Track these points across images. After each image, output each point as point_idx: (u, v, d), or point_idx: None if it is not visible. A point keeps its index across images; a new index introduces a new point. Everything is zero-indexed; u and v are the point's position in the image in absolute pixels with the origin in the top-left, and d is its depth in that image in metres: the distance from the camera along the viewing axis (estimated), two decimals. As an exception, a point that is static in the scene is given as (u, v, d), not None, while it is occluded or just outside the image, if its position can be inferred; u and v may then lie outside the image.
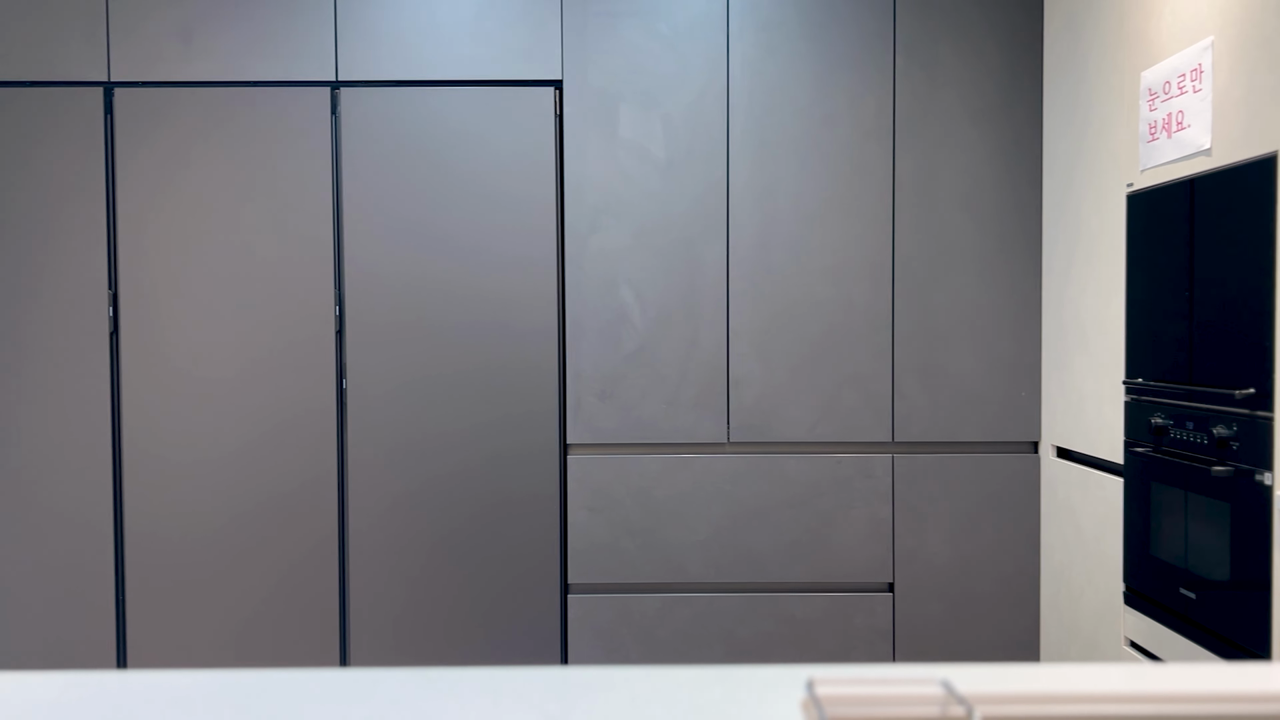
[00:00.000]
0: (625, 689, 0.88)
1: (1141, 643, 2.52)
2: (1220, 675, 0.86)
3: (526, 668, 0.94)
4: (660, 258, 3.14)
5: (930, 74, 3.13)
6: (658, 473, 3.15)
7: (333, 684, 0.91)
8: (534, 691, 0.87)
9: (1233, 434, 2.11)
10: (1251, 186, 2.04)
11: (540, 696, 0.86)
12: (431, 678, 0.93)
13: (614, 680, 0.90)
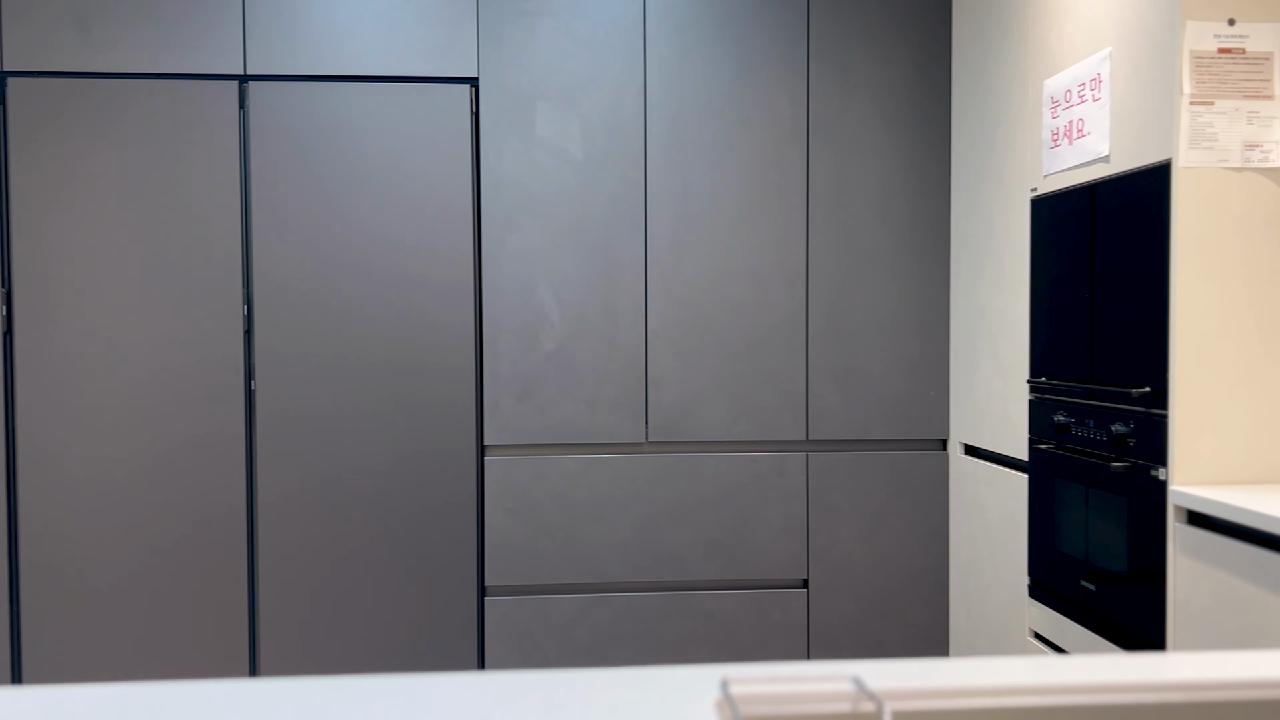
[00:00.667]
0: (540, 693, 0.87)
1: (1045, 634, 2.60)
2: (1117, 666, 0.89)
3: (440, 674, 0.93)
4: (579, 258, 3.13)
5: (843, 79, 3.18)
6: (576, 473, 3.15)
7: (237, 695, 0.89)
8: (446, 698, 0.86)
9: (1130, 431, 2.19)
10: (1147, 192, 2.12)
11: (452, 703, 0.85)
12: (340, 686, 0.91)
13: (528, 685, 0.89)
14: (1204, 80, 2.00)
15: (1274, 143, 2.01)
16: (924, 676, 0.87)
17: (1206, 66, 2.00)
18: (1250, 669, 0.91)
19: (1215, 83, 2.00)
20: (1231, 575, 1.85)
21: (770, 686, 0.88)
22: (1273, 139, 2.01)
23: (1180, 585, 2.01)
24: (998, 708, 0.84)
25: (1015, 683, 0.84)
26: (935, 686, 0.85)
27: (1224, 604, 1.87)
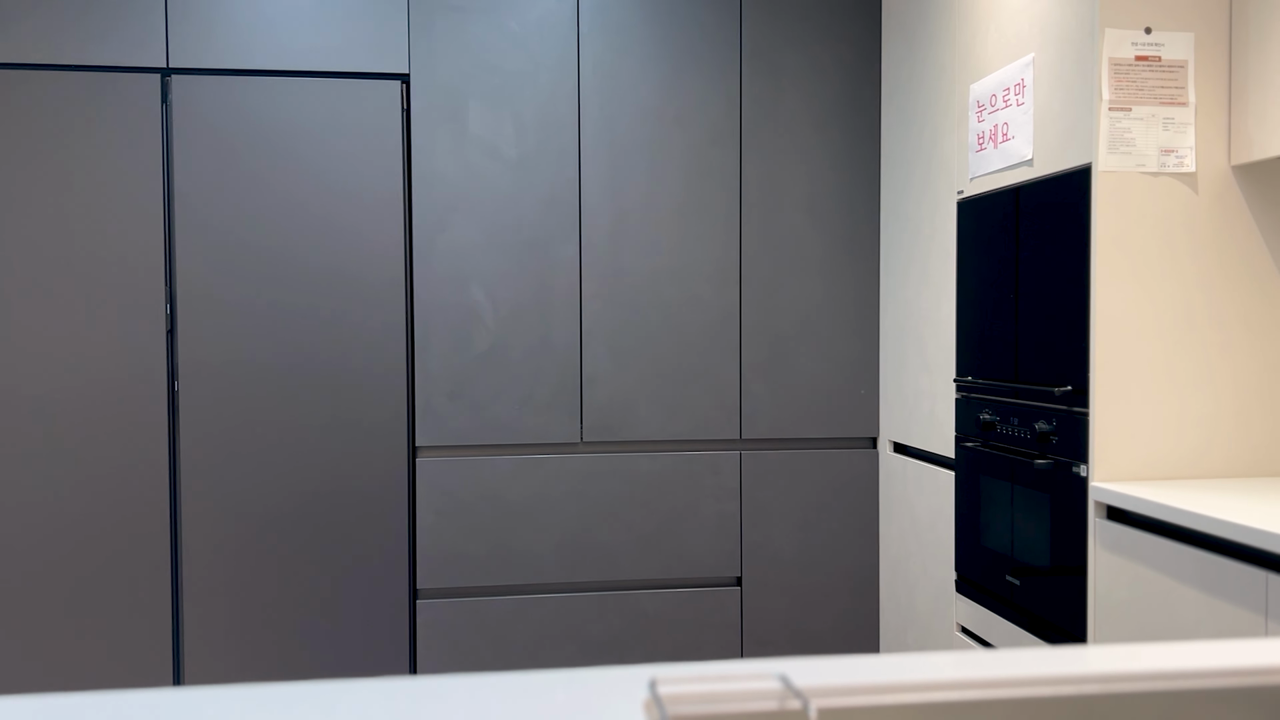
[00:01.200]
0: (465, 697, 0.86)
1: (972, 628, 2.65)
2: (1035, 659, 0.90)
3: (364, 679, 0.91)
4: (512, 256, 3.11)
5: (775, 80, 3.21)
6: (510, 474, 3.13)
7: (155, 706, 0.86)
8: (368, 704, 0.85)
9: (1053, 429, 2.24)
10: (1069, 195, 2.17)
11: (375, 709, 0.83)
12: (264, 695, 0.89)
13: (453, 689, 0.88)
14: (1122, 87, 2.05)
15: (1188, 148, 2.07)
16: (849, 673, 0.88)
17: (1124, 73, 2.05)
18: (1166, 661, 0.94)
19: (1133, 89, 2.05)
20: (1148, 568, 1.90)
21: (698, 686, 0.88)
22: (1187, 145, 2.07)
23: (1100, 579, 2.06)
24: (920, 703, 0.85)
25: (937, 678, 0.85)
26: (859, 683, 0.85)
27: (1142, 597, 1.93)
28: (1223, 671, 0.92)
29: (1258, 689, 0.93)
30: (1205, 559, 1.74)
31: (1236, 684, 0.93)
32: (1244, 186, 2.10)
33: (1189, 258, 2.10)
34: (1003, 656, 0.91)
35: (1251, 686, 0.93)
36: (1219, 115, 2.09)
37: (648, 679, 0.90)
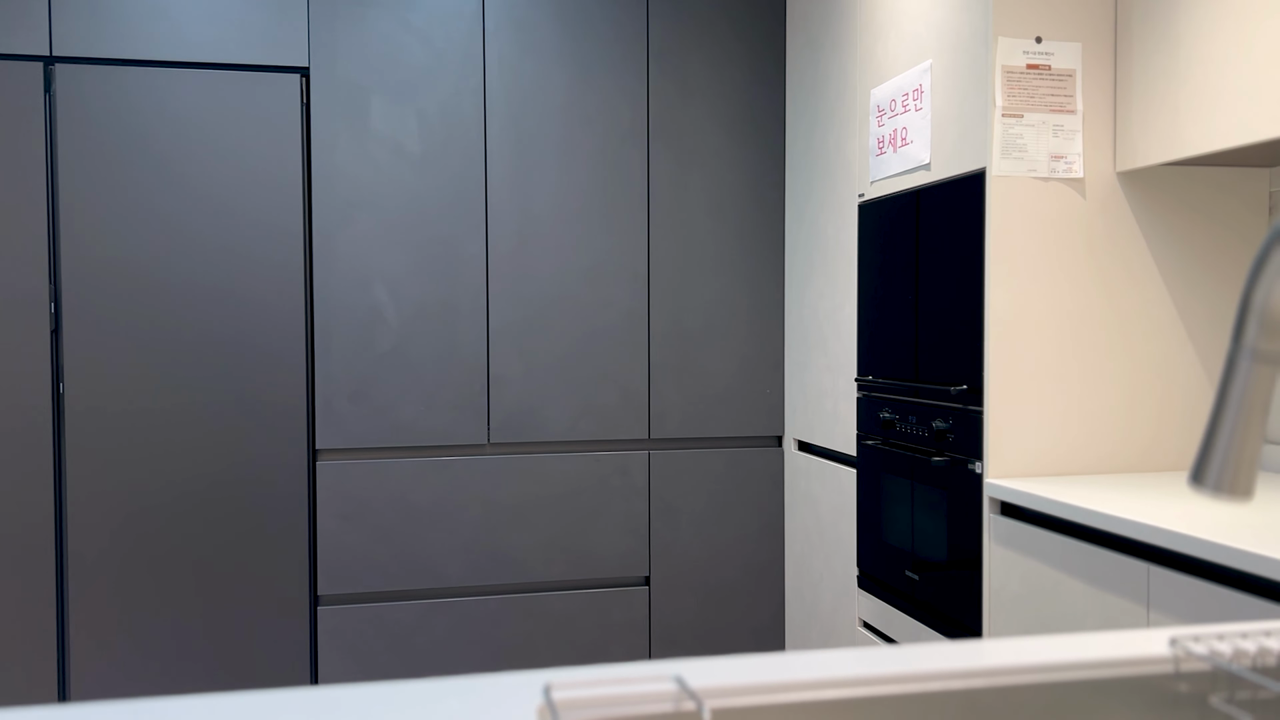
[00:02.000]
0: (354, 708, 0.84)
1: (874, 623, 2.70)
2: (927, 654, 0.92)
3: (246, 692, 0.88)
4: (416, 255, 3.06)
5: (682, 82, 3.22)
6: (414, 476, 3.07)
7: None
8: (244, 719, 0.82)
9: (949, 427, 2.30)
10: (964, 199, 2.23)
11: (258, 724, 0.81)
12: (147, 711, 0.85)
13: (342, 700, 0.86)
14: (1014, 94, 2.11)
15: (1076, 155, 2.14)
16: (743, 673, 0.88)
17: (1016, 81, 2.11)
18: (1055, 653, 0.96)
19: (1025, 96, 2.12)
20: (1039, 562, 1.96)
21: (593, 690, 0.87)
22: (1075, 151, 2.14)
23: (994, 573, 2.12)
24: (813, 701, 0.86)
25: (828, 676, 0.86)
26: (753, 683, 0.86)
27: (1034, 589, 1.99)
28: (1102, 663, 0.95)
29: (1136, 679, 0.96)
30: (1091, 552, 1.80)
31: (1116, 674, 0.96)
32: (1128, 192, 2.18)
33: (1077, 261, 2.17)
34: (892, 653, 0.92)
35: (1130, 676, 0.96)
36: (1105, 123, 2.16)
37: (542, 684, 0.89)
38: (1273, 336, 0.66)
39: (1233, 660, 0.96)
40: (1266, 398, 0.67)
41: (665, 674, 0.89)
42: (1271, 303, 0.65)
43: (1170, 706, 0.97)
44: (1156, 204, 2.20)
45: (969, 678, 0.91)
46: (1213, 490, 0.69)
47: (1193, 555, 1.53)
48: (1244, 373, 0.66)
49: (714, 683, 0.87)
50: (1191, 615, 1.56)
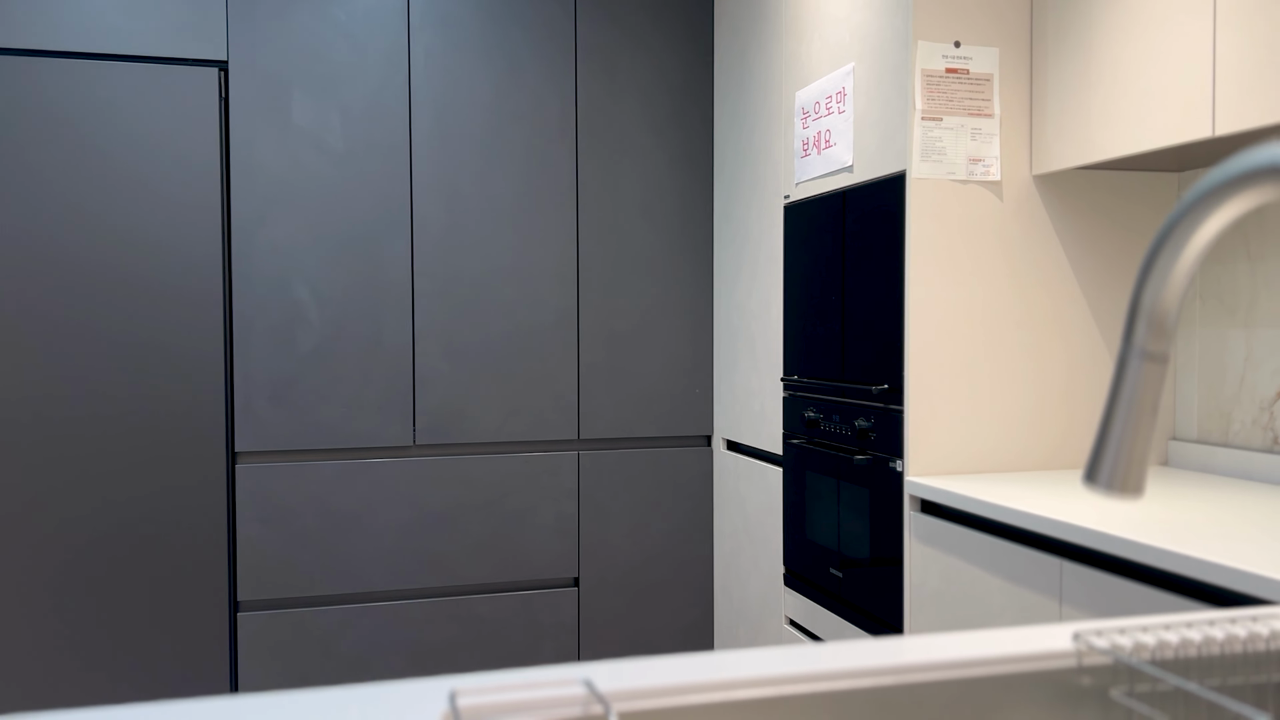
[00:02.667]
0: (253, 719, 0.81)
1: (800, 621, 2.72)
2: (838, 652, 0.92)
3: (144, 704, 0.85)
4: (340, 253, 3.00)
5: (611, 81, 3.21)
6: (337, 479, 3.02)
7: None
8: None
9: (871, 426, 2.32)
10: (886, 201, 2.26)
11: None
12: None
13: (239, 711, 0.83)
14: (934, 97, 2.14)
15: (994, 158, 2.18)
16: (653, 675, 0.87)
17: (936, 84, 2.14)
18: (961, 649, 0.97)
19: (944, 100, 2.15)
20: (958, 559, 1.99)
21: (499, 696, 0.85)
22: (993, 154, 2.18)
23: (914, 570, 2.15)
24: (723, 702, 0.85)
25: (737, 676, 0.86)
26: (662, 685, 0.85)
27: (953, 585, 2.02)
28: (1007, 658, 0.96)
29: (1040, 673, 0.98)
30: (1007, 548, 1.83)
31: (1021, 669, 0.97)
32: (1044, 195, 2.23)
33: (994, 262, 2.21)
34: (798, 652, 0.93)
35: (1034, 671, 0.98)
36: (1022, 127, 2.21)
37: (448, 690, 0.87)
38: (1160, 337, 0.67)
39: (1133, 654, 0.99)
40: (1155, 397, 0.68)
41: (574, 677, 0.88)
42: (1159, 304, 0.66)
43: (1073, 700, 0.99)
44: (1070, 207, 2.25)
45: (876, 675, 0.92)
46: (1105, 488, 0.70)
47: (1102, 551, 1.56)
48: (1134, 372, 0.67)
49: (623, 686, 0.86)
50: (1102, 609, 1.60)
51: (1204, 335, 2.23)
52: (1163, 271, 0.64)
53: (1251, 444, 2.11)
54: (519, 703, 0.85)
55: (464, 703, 0.84)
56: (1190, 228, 0.62)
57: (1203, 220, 0.61)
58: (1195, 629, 1.03)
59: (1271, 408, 2.06)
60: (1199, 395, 2.24)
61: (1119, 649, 0.98)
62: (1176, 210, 0.63)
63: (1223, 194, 0.59)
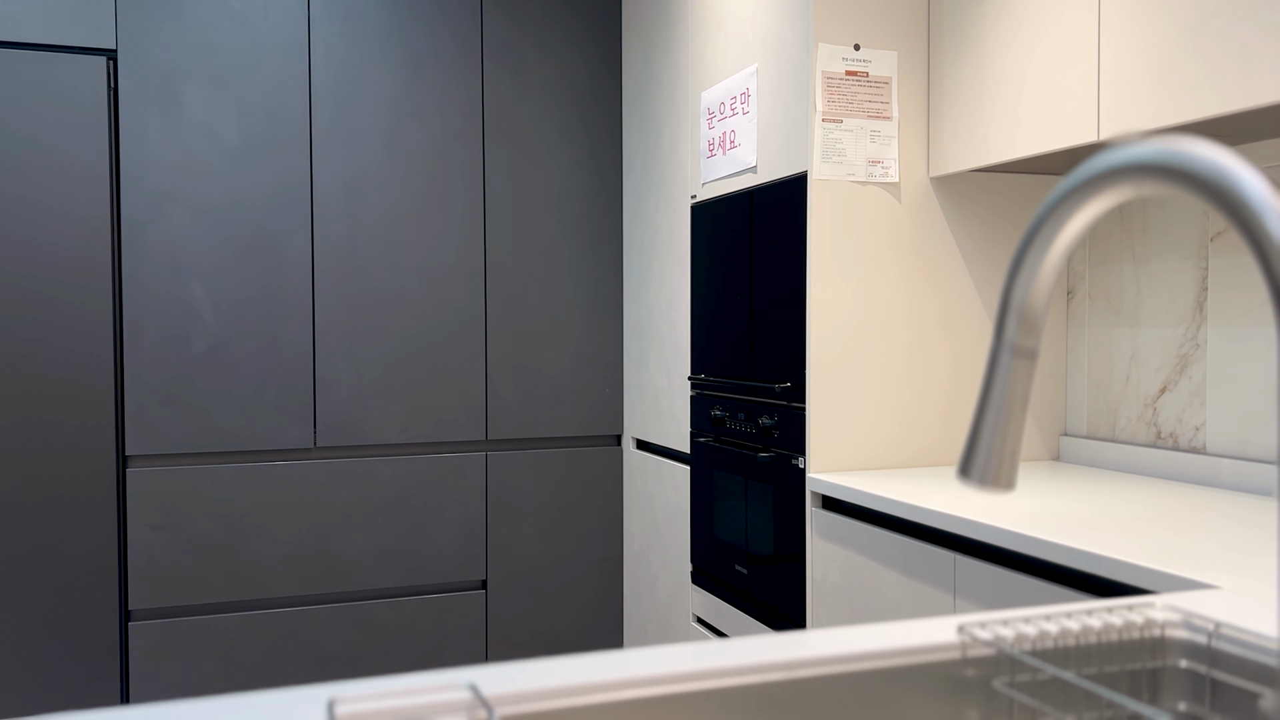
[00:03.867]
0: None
1: (707, 618, 2.73)
2: (725, 650, 0.92)
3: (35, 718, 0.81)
4: (236, 250, 2.92)
5: (517, 79, 3.18)
6: (235, 483, 2.93)
7: None
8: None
9: (775, 423, 2.34)
10: (789, 202, 2.28)
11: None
12: None
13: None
14: (834, 100, 2.17)
15: (892, 160, 2.22)
16: (537, 678, 0.86)
17: (836, 87, 2.17)
18: (848, 644, 0.98)
19: (844, 102, 2.18)
20: (857, 554, 2.02)
21: (380, 702, 0.83)
22: (891, 156, 2.22)
23: (816, 565, 2.17)
24: (607, 703, 0.85)
25: (621, 677, 0.85)
26: (546, 687, 0.84)
27: (852, 580, 2.04)
28: (893, 652, 0.97)
29: (926, 666, 0.99)
30: (903, 543, 1.87)
31: (907, 662, 0.98)
32: (940, 197, 2.28)
33: (893, 262, 2.25)
34: (683, 650, 0.92)
35: (920, 664, 0.99)
36: (920, 129, 2.25)
37: (326, 699, 0.85)
38: (1029, 333, 0.68)
39: (1014, 645, 1.01)
40: (1025, 392, 0.69)
41: (459, 682, 0.86)
42: (1027, 301, 0.67)
43: (958, 692, 1.00)
44: (966, 208, 2.30)
45: (763, 672, 0.92)
46: (978, 482, 0.71)
47: (992, 544, 1.60)
48: (1005, 368, 0.68)
49: (508, 689, 0.84)
50: (994, 602, 1.63)
51: (1092, 335, 2.30)
52: (1030, 269, 0.65)
53: (1137, 439, 2.18)
54: (400, 709, 0.83)
55: (342, 711, 0.82)
56: (1055, 227, 0.63)
57: (1066, 219, 0.62)
58: (1074, 619, 1.06)
59: (1155, 404, 2.14)
60: (1088, 393, 2.32)
61: (1001, 640, 1.00)
62: (1041, 210, 0.64)
63: (1082, 194, 0.61)
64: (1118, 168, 0.58)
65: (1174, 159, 0.54)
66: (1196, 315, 2.04)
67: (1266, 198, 0.51)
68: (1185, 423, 2.07)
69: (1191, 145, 0.54)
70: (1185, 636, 1.07)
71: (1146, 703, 1.07)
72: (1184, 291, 2.07)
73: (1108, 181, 0.59)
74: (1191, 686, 1.06)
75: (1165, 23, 1.66)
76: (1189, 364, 2.06)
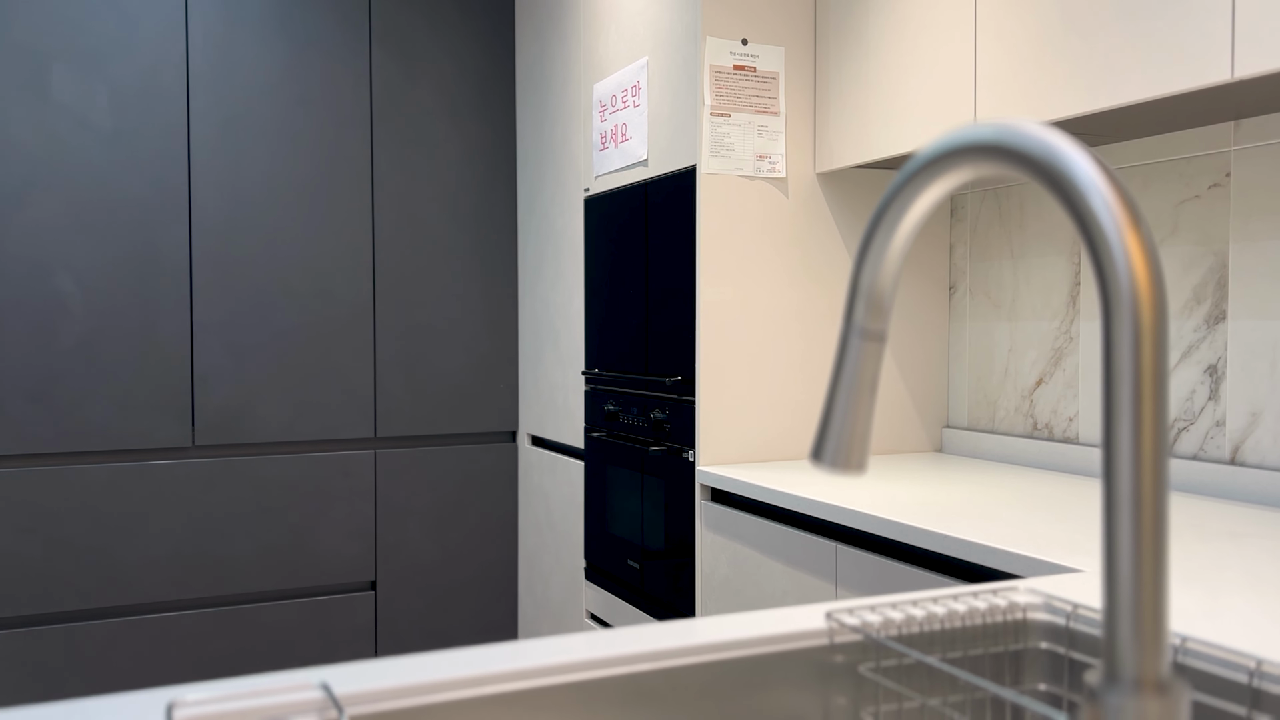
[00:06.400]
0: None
1: (600, 614, 2.72)
2: (595, 642, 0.90)
3: None
4: (107, 240, 2.79)
5: (408, 67, 3.12)
6: (107, 484, 2.80)
7: None
8: None
9: (666, 417, 2.34)
10: (679, 196, 2.28)
11: None
12: None
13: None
14: (722, 94, 2.18)
15: (779, 155, 2.24)
16: (392, 676, 0.83)
17: (724, 81, 2.18)
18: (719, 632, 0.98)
19: (732, 96, 2.18)
20: (745, 545, 2.03)
21: (224, 705, 0.79)
22: (778, 151, 2.23)
23: (706, 557, 2.18)
24: (462, 699, 0.82)
25: (477, 673, 0.83)
26: (400, 685, 0.81)
27: (740, 571, 2.05)
28: (764, 639, 0.97)
29: (796, 653, 0.99)
30: (788, 533, 1.88)
31: (777, 650, 0.98)
32: (827, 192, 2.31)
33: (780, 257, 2.27)
34: (547, 644, 0.91)
35: (791, 651, 0.99)
36: (807, 125, 2.27)
37: (165, 704, 0.80)
38: (877, 316, 0.68)
39: (881, 630, 1.02)
40: (875, 375, 0.69)
41: (310, 682, 0.83)
42: (875, 284, 0.67)
43: (827, 678, 1.01)
44: (852, 204, 2.34)
45: (634, 662, 0.91)
46: (830, 466, 0.71)
47: (870, 532, 1.62)
48: (854, 351, 0.68)
49: (362, 688, 0.81)
50: (874, 590, 1.66)
51: (973, 329, 2.36)
52: (877, 254, 0.65)
53: (1015, 430, 2.24)
54: (246, 711, 0.79)
55: (181, 715, 0.77)
56: (899, 212, 0.63)
57: (909, 204, 0.62)
58: (941, 604, 1.07)
59: (1032, 395, 2.20)
60: (969, 385, 2.38)
61: (868, 626, 1.01)
62: (885, 195, 0.64)
63: (923, 177, 0.61)
64: (954, 149, 0.58)
65: (1006, 138, 0.55)
66: (1070, 309, 2.11)
67: (1092, 176, 0.51)
68: (1060, 413, 2.13)
69: (1024, 125, 0.54)
70: (1046, 619, 1.09)
71: (1009, 684, 1.09)
72: (1059, 286, 2.14)
73: (946, 164, 0.59)
74: (1052, 667, 1.08)
75: (1038, 24, 1.70)
76: (1063, 356, 2.13)
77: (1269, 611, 1.05)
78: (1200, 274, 1.83)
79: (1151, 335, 0.48)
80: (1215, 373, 1.80)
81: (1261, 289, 1.73)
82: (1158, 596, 0.47)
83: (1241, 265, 1.76)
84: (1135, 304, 0.47)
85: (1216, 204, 1.80)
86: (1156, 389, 0.48)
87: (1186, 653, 0.92)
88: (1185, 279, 1.86)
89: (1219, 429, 1.79)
